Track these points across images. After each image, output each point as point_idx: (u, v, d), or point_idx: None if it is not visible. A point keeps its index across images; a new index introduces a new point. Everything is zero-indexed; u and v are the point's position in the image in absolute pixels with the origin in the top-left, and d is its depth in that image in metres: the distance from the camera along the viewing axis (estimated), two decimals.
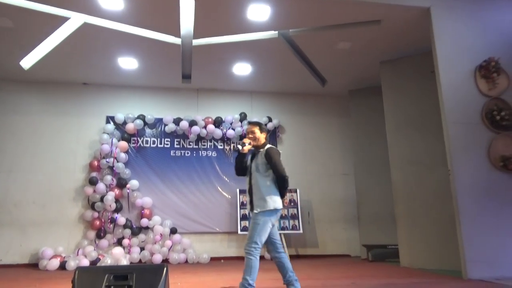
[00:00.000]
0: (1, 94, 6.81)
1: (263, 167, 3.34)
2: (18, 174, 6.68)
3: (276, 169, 3.31)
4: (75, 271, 2.83)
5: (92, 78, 7.09)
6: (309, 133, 7.78)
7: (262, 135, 3.51)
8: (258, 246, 3.17)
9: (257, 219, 3.23)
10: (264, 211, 3.24)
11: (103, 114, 7.19)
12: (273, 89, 7.70)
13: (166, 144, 7.23)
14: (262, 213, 3.24)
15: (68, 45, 5.50)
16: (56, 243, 6.43)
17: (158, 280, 2.83)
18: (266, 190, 3.29)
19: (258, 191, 3.31)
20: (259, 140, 3.48)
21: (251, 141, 3.47)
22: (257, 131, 3.50)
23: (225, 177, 7.23)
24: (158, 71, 6.79)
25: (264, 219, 3.23)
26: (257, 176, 3.34)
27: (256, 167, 3.37)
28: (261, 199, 3.28)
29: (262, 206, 3.26)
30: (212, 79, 7.14)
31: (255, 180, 3.35)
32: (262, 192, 3.28)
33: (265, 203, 3.26)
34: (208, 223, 6.93)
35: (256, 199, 3.30)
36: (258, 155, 3.44)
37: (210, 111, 7.50)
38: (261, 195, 3.28)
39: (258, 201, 3.28)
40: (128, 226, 6.62)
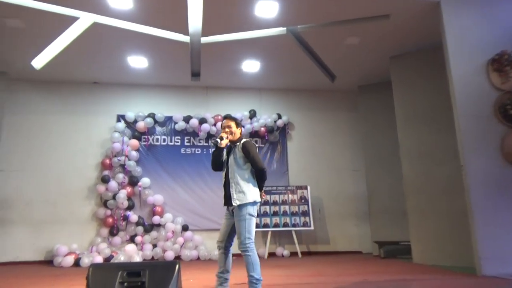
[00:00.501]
0: (13, 94, 6.91)
1: (241, 160, 3.34)
2: (30, 173, 6.78)
3: (255, 161, 3.32)
4: (89, 268, 2.88)
5: (102, 77, 7.15)
6: (319, 129, 7.75)
7: (238, 130, 3.52)
8: (251, 240, 3.19)
9: (241, 215, 3.24)
10: (245, 203, 3.25)
11: (114, 113, 7.25)
12: (282, 86, 7.68)
13: (176, 142, 7.27)
14: (244, 207, 3.25)
15: (78, 45, 5.56)
16: (70, 240, 6.52)
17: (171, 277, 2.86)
18: (245, 183, 3.29)
19: (236, 184, 3.30)
20: (235, 135, 3.48)
21: (228, 135, 3.46)
22: (233, 126, 3.50)
23: None
24: (167, 70, 6.81)
25: (246, 212, 3.24)
26: (236, 169, 3.34)
27: (234, 161, 3.36)
28: (240, 192, 3.27)
29: (242, 198, 3.26)
30: (221, 76, 7.14)
31: (232, 173, 3.35)
32: (241, 185, 3.28)
33: (244, 195, 3.26)
34: (219, 220, 6.93)
35: (235, 192, 3.29)
36: (235, 149, 3.44)
37: (219, 108, 7.51)
38: (240, 188, 3.28)
39: (237, 194, 3.27)
40: (140, 224, 6.68)
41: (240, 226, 3.22)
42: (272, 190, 7.03)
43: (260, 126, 7.39)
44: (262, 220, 6.81)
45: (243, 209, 3.24)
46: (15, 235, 6.49)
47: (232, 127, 3.50)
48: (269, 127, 7.41)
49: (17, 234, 6.50)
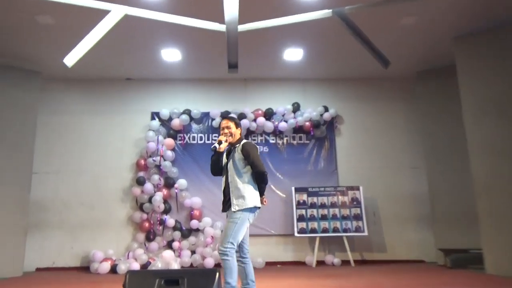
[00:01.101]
0: (46, 94, 7.28)
1: (240, 163, 3.37)
2: (66, 175, 7.13)
3: (254, 164, 3.33)
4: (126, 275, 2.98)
5: (135, 73, 7.36)
6: (371, 122, 7.59)
7: (238, 131, 3.55)
8: (234, 246, 3.17)
9: (235, 217, 3.24)
10: (243, 209, 3.25)
11: (148, 110, 7.45)
12: (329, 75, 7.56)
13: (214, 140, 7.33)
14: (241, 211, 3.25)
15: (110, 40, 5.73)
16: (106, 245, 6.79)
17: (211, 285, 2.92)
18: (244, 187, 3.31)
19: (236, 189, 3.32)
20: (234, 136, 3.51)
21: (227, 137, 3.49)
22: (233, 127, 3.53)
23: (279, 174, 7.24)
24: (202, 62, 6.89)
25: (242, 217, 3.24)
26: (235, 173, 3.36)
27: (233, 164, 3.39)
28: (240, 197, 3.29)
29: (241, 204, 3.27)
30: (260, 67, 7.13)
31: (232, 177, 3.37)
32: (240, 189, 3.30)
33: (244, 200, 3.27)
34: (261, 225, 6.95)
35: (234, 197, 3.31)
36: (234, 152, 3.45)
37: (259, 102, 7.53)
38: (239, 193, 3.30)
39: (237, 200, 3.29)
40: (177, 228, 6.82)
41: (229, 227, 3.22)
42: (320, 192, 6.96)
43: (304, 121, 7.33)
44: (309, 224, 6.76)
45: (240, 213, 3.25)
46: (52, 239, 6.87)
47: (231, 128, 3.52)
48: (315, 121, 7.33)
49: (55, 238, 6.88)
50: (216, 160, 3.55)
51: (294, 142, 7.41)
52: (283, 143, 7.40)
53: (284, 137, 7.42)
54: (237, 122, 3.60)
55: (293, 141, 7.42)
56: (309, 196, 6.92)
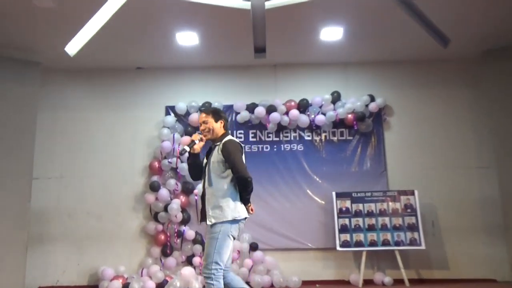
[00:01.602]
0: (47, 87, 7.28)
1: (220, 165, 3.36)
2: (70, 180, 7.12)
3: (235, 168, 3.31)
4: None
5: (146, 61, 7.31)
6: (427, 113, 7.33)
7: (218, 125, 3.54)
8: (220, 266, 3.18)
9: (214, 232, 3.24)
10: (221, 222, 3.25)
11: (162, 104, 7.38)
12: (375, 58, 7.33)
13: (238, 137, 7.23)
14: (219, 225, 3.25)
15: (117, 23, 5.63)
16: (116, 261, 6.75)
17: None
18: (223, 195, 3.31)
19: (212, 197, 3.32)
20: (214, 132, 3.51)
21: (203, 135, 3.50)
22: (211, 121, 3.52)
23: (316, 176, 7.08)
24: (224, 46, 6.79)
25: (222, 230, 3.24)
26: (213, 177, 3.36)
27: (211, 167, 3.39)
28: (216, 208, 3.29)
29: (218, 216, 3.27)
30: (293, 50, 6.98)
31: (209, 182, 3.37)
32: (217, 197, 3.30)
33: (221, 212, 3.27)
34: (297, 237, 6.83)
35: (210, 207, 3.31)
36: (214, 151, 3.45)
37: (292, 92, 7.36)
38: (216, 202, 3.30)
39: (213, 210, 3.29)
40: (198, 241, 6.74)
41: (210, 245, 3.22)
42: (366, 197, 6.77)
43: (346, 113, 7.12)
44: (354, 236, 6.58)
45: (217, 226, 3.25)
46: (56, 254, 6.87)
47: (209, 123, 3.53)
48: (359, 113, 7.11)
49: (59, 253, 6.88)
50: (193, 163, 3.53)
51: (334, 138, 7.25)
52: (321, 140, 7.23)
53: (322, 133, 7.26)
54: (217, 115, 3.59)
55: (333, 138, 7.25)
56: (353, 203, 6.76)
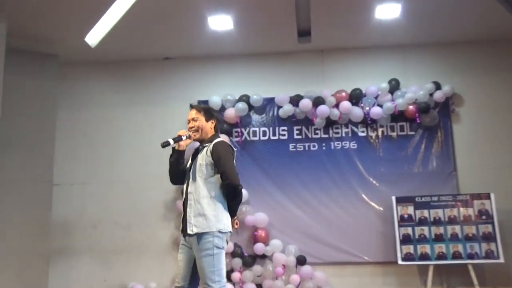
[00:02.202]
0: (66, 83, 7.52)
1: (208, 169, 3.42)
2: (95, 186, 7.33)
3: (225, 173, 3.36)
4: None
5: (175, 50, 7.44)
6: (503, 102, 7.17)
7: (209, 125, 3.63)
8: (222, 282, 3.26)
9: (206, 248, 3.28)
10: (205, 233, 3.29)
11: (193, 98, 7.37)
12: (440, 38, 7.21)
13: (281, 135, 7.28)
14: (208, 238, 3.28)
15: (142, 9, 5.77)
16: (146, 276, 6.92)
17: None
18: (208, 203, 3.35)
19: (196, 203, 3.36)
20: (203, 131, 3.60)
21: (191, 132, 3.56)
22: (202, 119, 3.60)
23: (373, 179, 7.03)
24: (262, 31, 6.82)
25: (215, 243, 3.29)
26: (199, 181, 3.41)
27: (199, 169, 3.44)
28: (199, 216, 3.33)
29: (202, 225, 3.31)
30: (342, 32, 6.94)
31: (193, 187, 3.42)
32: (202, 204, 3.34)
33: (205, 221, 3.31)
34: (351, 249, 6.81)
35: (192, 214, 3.35)
36: (202, 152, 3.52)
37: (342, 81, 7.32)
38: (200, 209, 3.34)
39: (195, 218, 3.32)
40: (237, 254, 6.82)
41: (203, 263, 3.25)
42: (432, 202, 6.65)
43: (407, 104, 7.03)
44: (419, 248, 6.49)
45: (205, 239, 3.28)
46: (81, 268, 7.09)
47: (199, 121, 3.60)
48: (422, 104, 7.01)
49: (83, 267, 7.10)
50: (175, 162, 3.60)
51: (393, 134, 7.16)
52: (378, 136, 7.17)
53: (378, 128, 7.19)
54: (209, 113, 3.68)
55: (392, 133, 7.17)
56: (417, 209, 6.66)
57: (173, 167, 3.66)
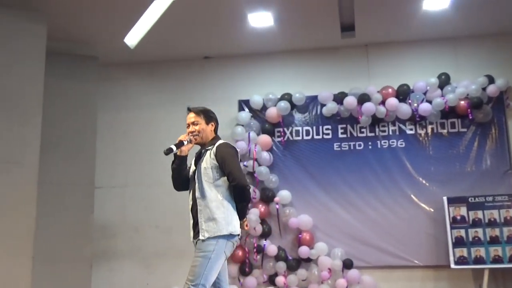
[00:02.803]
0: (106, 85, 7.63)
1: (213, 172, 3.45)
2: (135, 188, 7.42)
3: (232, 175, 3.39)
4: None
5: (215, 49, 7.46)
6: None
7: (209, 128, 3.66)
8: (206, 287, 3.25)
9: (207, 250, 3.29)
10: (215, 237, 3.30)
11: (234, 98, 7.50)
12: (492, 29, 7.02)
13: (325, 134, 7.22)
14: (213, 241, 3.30)
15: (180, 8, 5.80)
16: None
17: None
18: (217, 206, 3.38)
19: (205, 208, 3.38)
20: (204, 135, 3.61)
21: (192, 137, 3.57)
22: (202, 122, 3.62)
23: (422, 178, 6.90)
24: (303, 26, 6.78)
25: (217, 248, 3.30)
26: (205, 185, 3.44)
27: (204, 173, 3.47)
28: (209, 220, 3.34)
29: (212, 230, 3.32)
30: (387, 26, 6.86)
31: (200, 192, 3.44)
32: (211, 209, 3.36)
33: (216, 225, 3.33)
34: (400, 252, 6.71)
35: (202, 220, 3.36)
36: (205, 156, 3.54)
37: (388, 77, 7.22)
38: (209, 214, 3.36)
39: (206, 223, 3.34)
40: (281, 258, 6.78)
41: (201, 264, 3.25)
42: (487, 203, 6.49)
43: (458, 99, 6.86)
44: (472, 251, 6.35)
45: (213, 244, 3.30)
46: (123, 272, 7.20)
47: (200, 124, 3.62)
48: (474, 99, 6.84)
49: (126, 271, 7.20)
50: (178, 168, 3.66)
51: (444, 131, 7.02)
52: (427, 134, 7.03)
53: (427, 125, 7.05)
54: (208, 116, 3.69)
55: (442, 130, 7.03)
56: (470, 210, 6.52)
57: (176, 173, 3.70)
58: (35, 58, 5.95)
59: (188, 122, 3.70)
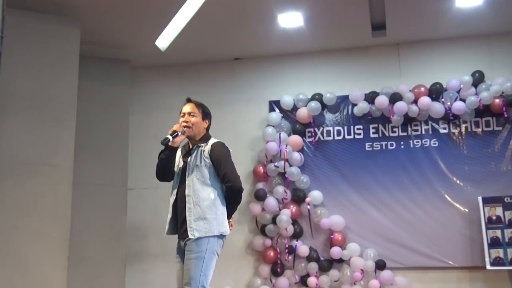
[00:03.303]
0: (137, 87, 7.77)
1: (207, 171, 3.45)
2: (167, 190, 7.44)
3: (227, 176, 3.42)
4: None
5: (245, 50, 7.52)
6: None
7: (204, 124, 3.69)
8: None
9: (199, 250, 3.30)
10: (207, 237, 3.32)
11: (265, 99, 7.54)
12: None
13: (357, 134, 7.20)
14: (205, 241, 3.31)
15: (210, 10, 5.86)
16: (221, 281, 6.96)
17: None
18: (209, 206, 3.38)
19: (196, 206, 3.37)
20: (197, 128, 3.62)
21: (185, 128, 3.56)
22: (199, 116, 3.66)
23: (456, 178, 6.81)
24: (333, 26, 6.77)
25: (209, 248, 3.33)
26: (197, 184, 3.43)
27: (196, 171, 3.45)
28: (200, 219, 3.34)
29: (203, 229, 3.32)
30: (419, 24, 6.80)
31: (192, 189, 3.42)
32: (202, 208, 3.36)
33: (206, 225, 3.33)
34: (434, 253, 6.64)
35: (192, 218, 3.34)
36: (197, 153, 3.53)
37: (421, 75, 7.15)
38: (200, 212, 3.35)
39: (196, 222, 3.33)
40: (313, 258, 6.79)
41: (196, 266, 3.26)
42: None
43: (492, 97, 6.76)
44: (509, 252, 6.27)
45: (204, 244, 3.31)
46: (155, 273, 7.29)
47: (195, 117, 3.63)
48: (510, 97, 6.73)
49: (158, 271, 7.28)
50: (167, 159, 3.61)
51: (478, 130, 6.92)
52: (461, 133, 6.95)
53: (461, 124, 6.96)
54: (205, 111, 3.76)
55: (477, 129, 6.93)
56: (506, 210, 6.43)
57: (164, 164, 3.66)
58: (69, 62, 6.12)
59: (184, 112, 3.71)
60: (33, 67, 5.83)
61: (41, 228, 5.51)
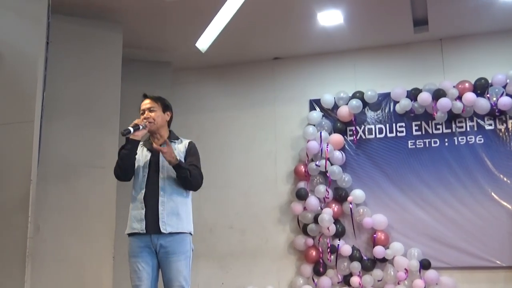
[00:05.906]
0: (179, 88, 7.93)
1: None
2: (209, 190, 7.58)
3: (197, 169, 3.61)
4: None
5: (284, 50, 7.59)
6: None
7: (165, 116, 3.68)
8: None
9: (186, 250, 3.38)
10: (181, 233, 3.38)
11: (305, 98, 7.59)
12: None
13: (399, 132, 7.18)
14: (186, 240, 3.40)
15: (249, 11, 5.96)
16: (263, 280, 7.14)
17: None
18: (183, 202, 3.47)
19: (169, 201, 3.39)
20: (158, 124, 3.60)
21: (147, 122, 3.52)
22: (158, 109, 3.62)
23: (503, 176, 6.71)
24: (374, 22, 6.78)
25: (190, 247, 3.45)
26: (172, 179, 3.47)
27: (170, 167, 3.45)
28: (173, 214, 3.37)
29: (175, 225, 3.35)
30: (462, 18, 6.71)
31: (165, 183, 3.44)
32: (176, 203, 3.41)
33: (179, 221, 3.38)
34: (481, 253, 6.56)
35: (165, 212, 3.35)
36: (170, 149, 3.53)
37: (465, 71, 7.06)
38: (174, 207, 3.39)
39: (169, 217, 3.34)
40: (356, 258, 6.82)
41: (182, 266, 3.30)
42: None
43: None
44: None
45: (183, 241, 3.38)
46: (199, 272, 7.37)
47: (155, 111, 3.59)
48: None
49: (201, 270, 7.40)
50: (129, 154, 3.51)
51: None
52: (508, 129, 6.84)
53: (508, 120, 6.85)
54: (164, 104, 3.72)
55: None
56: None
57: (125, 159, 3.53)
58: (112, 66, 6.32)
59: (143, 108, 3.65)
60: (77, 71, 6.05)
61: (88, 228, 5.72)
